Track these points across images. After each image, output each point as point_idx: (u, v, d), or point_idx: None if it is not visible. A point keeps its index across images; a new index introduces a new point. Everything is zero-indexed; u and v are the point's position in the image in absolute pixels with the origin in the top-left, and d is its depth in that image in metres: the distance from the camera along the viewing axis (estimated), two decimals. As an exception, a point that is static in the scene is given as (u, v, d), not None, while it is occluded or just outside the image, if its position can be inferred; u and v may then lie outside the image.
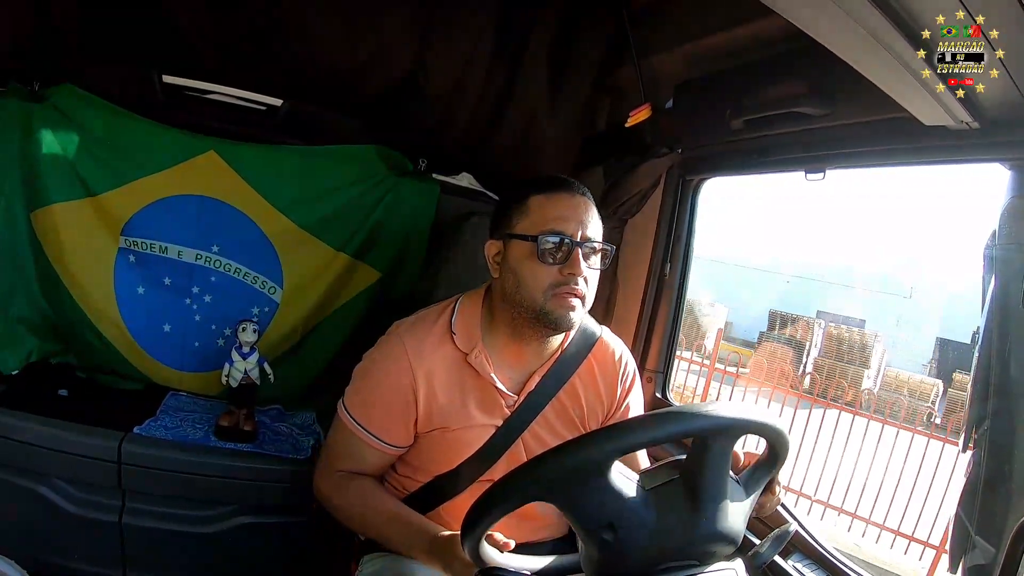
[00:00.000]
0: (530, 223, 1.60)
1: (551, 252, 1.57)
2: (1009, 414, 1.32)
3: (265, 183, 2.51)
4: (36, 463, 2.08)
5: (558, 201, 1.61)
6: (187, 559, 2.22)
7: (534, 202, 1.62)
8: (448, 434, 1.66)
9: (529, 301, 1.59)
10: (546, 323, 1.60)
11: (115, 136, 2.37)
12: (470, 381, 1.68)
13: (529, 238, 1.58)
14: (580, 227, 1.58)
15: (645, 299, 2.38)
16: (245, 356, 2.33)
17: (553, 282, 1.57)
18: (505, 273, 1.64)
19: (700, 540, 1.15)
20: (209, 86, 2.53)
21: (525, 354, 1.71)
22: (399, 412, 1.65)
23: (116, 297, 2.48)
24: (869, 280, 20.28)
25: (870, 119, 1.58)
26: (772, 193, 8.48)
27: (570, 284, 1.57)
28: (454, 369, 1.67)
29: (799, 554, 1.73)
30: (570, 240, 1.57)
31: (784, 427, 1.21)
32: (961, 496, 1.40)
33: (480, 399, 1.68)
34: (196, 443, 2.24)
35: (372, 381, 1.68)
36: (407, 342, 1.65)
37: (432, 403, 1.65)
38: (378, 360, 1.68)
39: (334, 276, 2.61)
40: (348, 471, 1.70)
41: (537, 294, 1.58)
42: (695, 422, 1.11)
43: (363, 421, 1.65)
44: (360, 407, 1.67)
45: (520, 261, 1.60)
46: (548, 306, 1.57)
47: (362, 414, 1.66)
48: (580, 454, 1.08)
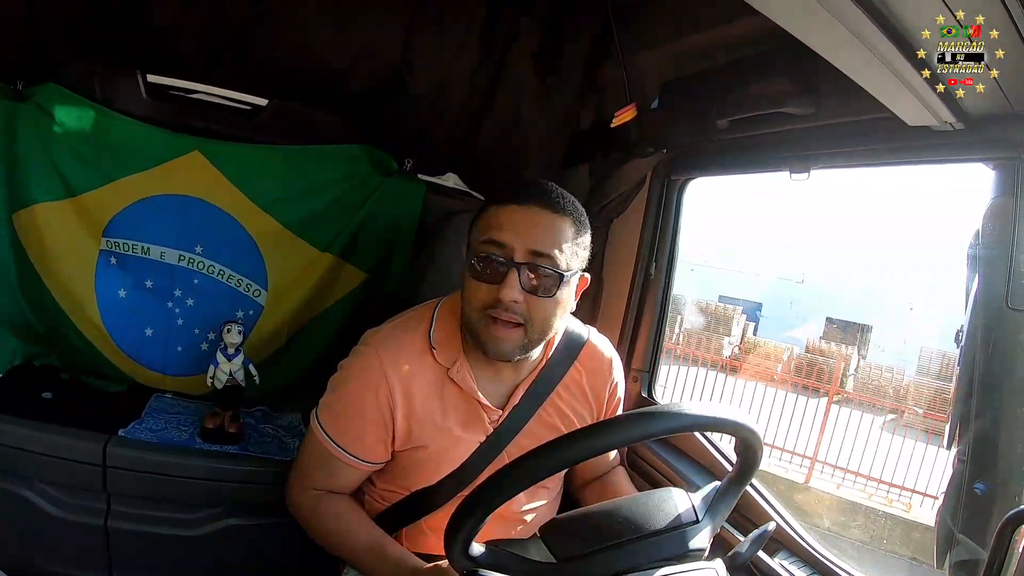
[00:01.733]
0: (475, 234, 1.51)
1: (486, 269, 1.45)
2: (993, 412, 1.34)
3: (250, 183, 2.49)
4: (20, 466, 2.06)
5: (508, 210, 1.47)
6: (173, 562, 2.21)
7: (486, 212, 1.51)
8: (429, 452, 1.60)
9: (467, 319, 1.51)
10: (481, 347, 1.51)
11: (99, 135, 2.36)
12: (451, 397, 1.60)
13: (470, 250, 1.50)
14: (524, 242, 1.44)
15: (630, 299, 2.38)
16: (230, 357, 2.32)
17: (486, 303, 1.46)
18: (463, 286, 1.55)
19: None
20: (194, 85, 2.51)
21: (500, 371, 1.63)
22: (374, 428, 1.57)
23: (97, 300, 2.46)
24: (768, 268, 22.82)
25: (855, 119, 1.59)
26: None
27: (499, 309, 1.44)
28: (434, 384, 1.59)
29: (786, 551, 1.73)
30: (503, 258, 1.44)
31: (758, 428, 1.23)
32: (945, 494, 1.41)
33: (462, 415, 1.61)
34: (181, 445, 2.24)
35: (346, 395, 1.59)
36: (383, 355, 1.56)
37: (411, 419, 1.57)
38: (353, 373, 1.59)
39: (319, 277, 2.60)
40: (323, 489, 1.64)
41: (472, 314, 1.49)
42: (674, 421, 1.12)
43: (336, 436, 1.58)
44: (333, 421, 1.59)
45: (465, 276, 1.51)
46: (479, 329, 1.48)
47: (335, 429, 1.58)
48: (560, 455, 1.10)
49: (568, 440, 1.11)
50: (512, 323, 1.45)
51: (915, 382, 14.58)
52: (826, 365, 13.40)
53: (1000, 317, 1.34)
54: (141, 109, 2.42)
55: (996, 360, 1.34)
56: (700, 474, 2.00)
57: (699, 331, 17.17)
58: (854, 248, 26.77)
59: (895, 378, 14.79)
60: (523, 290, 1.44)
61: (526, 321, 1.46)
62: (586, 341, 1.74)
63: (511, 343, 1.48)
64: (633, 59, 2.20)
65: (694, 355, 12.72)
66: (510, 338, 1.47)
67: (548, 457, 1.10)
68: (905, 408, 12.13)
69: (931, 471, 8.55)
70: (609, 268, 2.43)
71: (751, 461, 1.28)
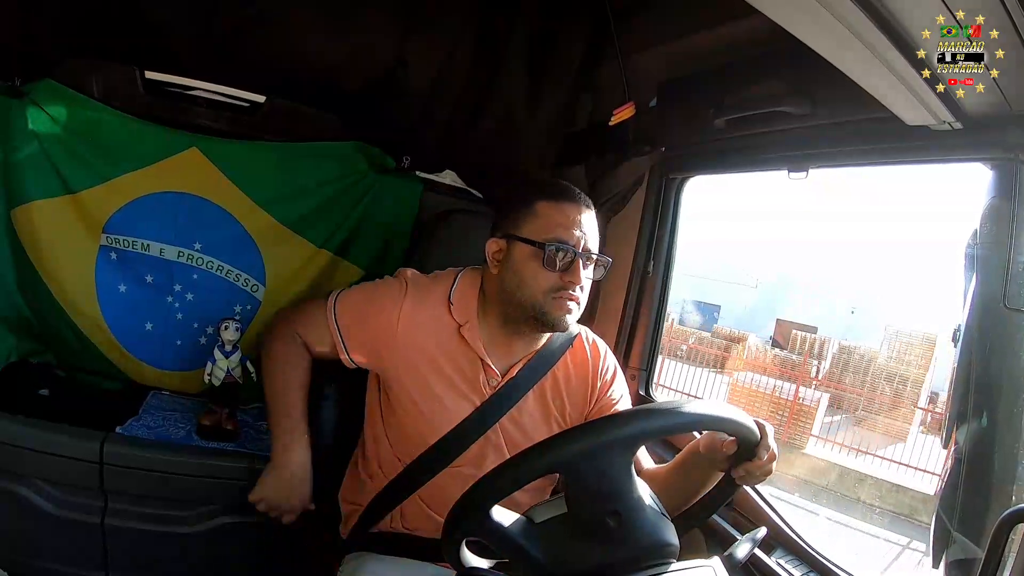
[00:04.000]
0: (537, 228, 1.66)
1: (556, 259, 1.63)
2: (990, 411, 1.34)
3: (247, 180, 2.49)
4: (16, 464, 2.06)
5: (566, 210, 1.66)
6: (170, 559, 2.21)
7: (542, 208, 1.67)
8: (426, 399, 1.73)
9: (530, 301, 1.65)
10: (543, 322, 1.67)
11: (96, 133, 2.35)
12: (457, 352, 1.74)
13: (536, 244, 1.64)
14: (583, 238, 1.65)
15: (628, 297, 2.38)
16: (227, 355, 2.31)
17: (554, 286, 1.63)
18: (506, 272, 1.69)
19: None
20: (191, 82, 2.51)
21: (512, 343, 1.76)
22: (374, 328, 1.75)
23: (97, 295, 2.45)
24: (725, 273, 25.35)
25: (852, 118, 1.59)
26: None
27: (570, 290, 1.63)
28: (444, 334, 1.75)
29: (782, 550, 1.74)
30: (574, 250, 1.63)
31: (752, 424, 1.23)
32: (942, 493, 1.42)
33: (462, 372, 1.74)
34: (178, 443, 2.23)
35: (366, 292, 1.81)
36: (410, 286, 1.76)
37: (410, 348, 1.73)
38: (380, 284, 1.82)
39: (316, 273, 2.60)
40: (301, 340, 1.83)
41: (539, 295, 1.64)
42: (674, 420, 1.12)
43: (339, 316, 1.78)
44: (345, 304, 1.79)
45: (524, 263, 1.66)
46: (547, 307, 1.64)
47: (343, 308, 1.78)
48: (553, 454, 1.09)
49: (565, 438, 1.11)
50: (575, 300, 1.65)
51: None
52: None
53: (997, 316, 1.34)
54: (139, 106, 2.41)
55: (993, 359, 1.35)
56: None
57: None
58: (808, 253, 30.59)
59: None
60: (584, 275, 1.65)
61: (581, 299, 1.67)
62: (577, 335, 1.88)
63: (573, 316, 1.67)
64: (631, 58, 2.21)
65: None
66: (572, 312, 1.66)
67: (541, 456, 1.10)
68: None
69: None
70: (607, 266, 2.44)
71: None
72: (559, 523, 1.13)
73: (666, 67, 2.14)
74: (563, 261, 1.63)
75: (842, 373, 16.81)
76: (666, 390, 14.44)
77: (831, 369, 17.25)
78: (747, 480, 1.40)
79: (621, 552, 1.14)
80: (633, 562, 1.15)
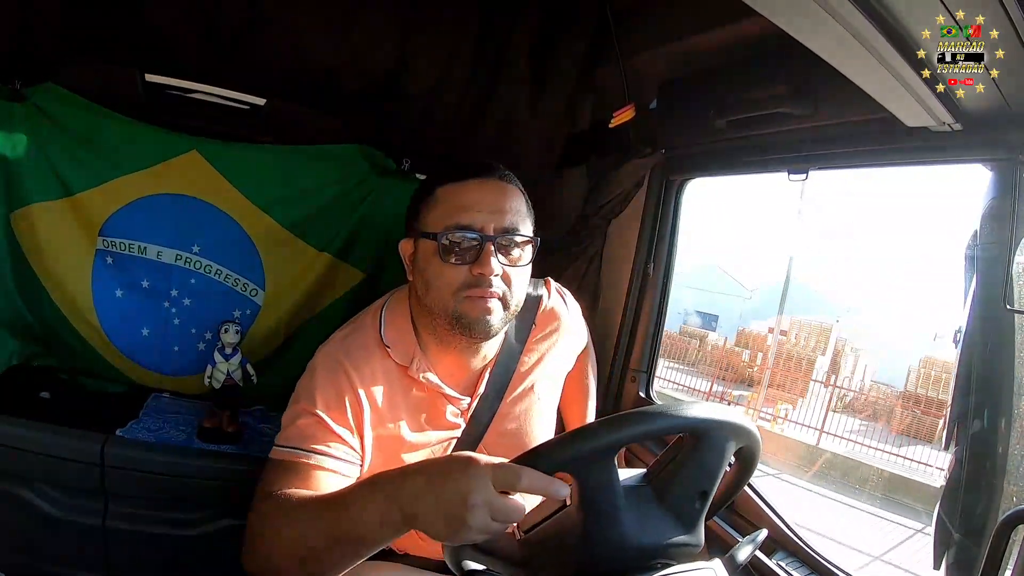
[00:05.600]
0: (436, 217, 1.46)
1: (457, 249, 1.43)
2: (991, 412, 1.34)
3: (247, 182, 2.48)
4: (18, 466, 2.06)
5: (466, 189, 1.46)
6: (171, 562, 2.21)
7: (441, 193, 1.48)
8: (405, 459, 1.52)
9: (439, 306, 1.46)
10: (460, 329, 1.46)
11: (96, 135, 2.34)
12: (416, 396, 1.56)
13: (431, 235, 1.45)
14: (493, 218, 1.44)
15: (629, 298, 2.38)
16: (228, 357, 2.31)
17: (463, 283, 1.43)
18: (417, 276, 1.52)
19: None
20: (191, 85, 2.50)
21: (463, 359, 1.60)
22: (342, 429, 1.45)
23: (94, 300, 2.44)
24: (722, 286, 27.87)
25: (853, 120, 1.59)
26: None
27: (482, 286, 1.43)
28: (396, 386, 1.54)
29: (783, 552, 1.74)
30: (478, 235, 1.42)
31: (755, 429, 1.23)
32: (943, 494, 1.42)
33: (430, 414, 1.57)
34: (179, 445, 2.23)
35: (310, 405, 1.46)
36: (345, 366, 1.49)
37: (379, 428, 1.51)
38: (317, 383, 1.48)
39: (317, 276, 2.59)
40: (287, 493, 1.34)
41: (446, 297, 1.45)
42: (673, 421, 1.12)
43: (300, 443, 1.42)
44: (296, 433, 1.44)
45: (428, 261, 1.47)
46: (460, 309, 1.44)
47: (298, 436, 1.44)
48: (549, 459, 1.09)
49: (559, 443, 1.10)
50: (492, 297, 1.44)
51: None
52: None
53: (998, 318, 1.34)
54: (139, 109, 2.41)
55: (994, 360, 1.35)
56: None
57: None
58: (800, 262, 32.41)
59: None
60: (501, 263, 1.44)
61: (504, 294, 1.46)
62: (539, 300, 1.73)
63: (495, 317, 1.46)
64: (631, 59, 2.21)
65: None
66: (493, 312, 1.45)
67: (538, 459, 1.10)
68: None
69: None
70: (608, 268, 2.44)
71: (749, 462, 1.28)
72: (647, 495, 1.16)
73: (666, 68, 2.14)
74: (467, 251, 1.43)
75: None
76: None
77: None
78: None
79: (693, 536, 1.18)
80: (695, 548, 1.19)
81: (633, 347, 2.39)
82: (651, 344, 2.38)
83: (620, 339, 2.39)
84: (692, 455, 1.14)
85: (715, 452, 1.15)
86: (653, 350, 2.38)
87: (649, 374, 2.38)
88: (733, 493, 1.35)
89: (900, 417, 16.82)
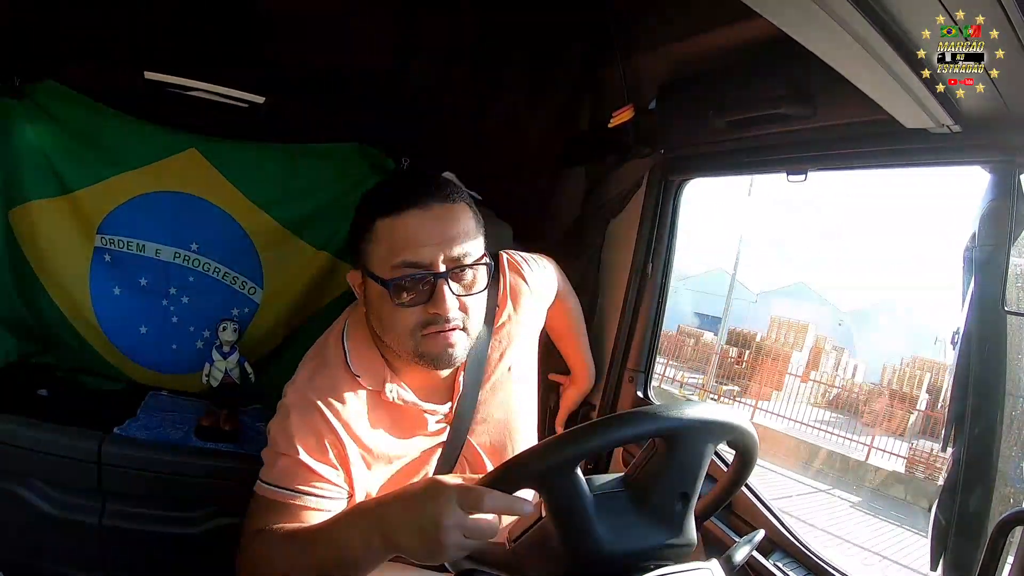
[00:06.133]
0: (380, 257, 1.40)
1: (407, 290, 1.37)
2: (988, 414, 1.34)
3: (246, 180, 2.49)
4: (14, 464, 2.06)
5: (407, 223, 1.37)
6: (168, 561, 2.20)
7: (381, 227, 1.40)
8: (395, 477, 1.52)
9: (399, 346, 1.43)
10: (426, 365, 1.43)
11: (96, 133, 2.35)
12: (395, 417, 1.52)
13: (380, 280, 1.38)
14: (441, 248, 1.37)
15: (627, 298, 2.37)
16: (226, 355, 2.31)
17: (419, 322, 1.39)
18: (371, 311, 1.47)
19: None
20: (191, 82, 2.50)
21: (435, 375, 1.55)
22: (327, 468, 1.41)
23: (92, 298, 2.45)
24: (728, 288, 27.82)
25: (852, 121, 1.59)
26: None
27: (439, 323, 1.38)
28: (374, 411, 1.50)
29: (780, 552, 1.74)
30: (429, 273, 1.36)
31: (752, 428, 1.23)
32: (940, 495, 1.41)
33: (413, 430, 1.55)
34: (177, 443, 2.23)
35: (289, 449, 1.41)
36: (319, 403, 1.44)
37: (364, 455, 1.47)
38: (293, 424, 1.43)
39: (315, 275, 2.59)
40: (277, 529, 1.37)
41: (404, 338, 1.41)
42: (673, 422, 1.12)
43: (287, 484, 1.40)
44: (280, 473, 1.41)
45: (379, 303, 1.42)
46: (421, 348, 1.41)
47: (283, 476, 1.40)
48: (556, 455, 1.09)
49: (557, 444, 1.10)
50: (455, 330, 1.41)
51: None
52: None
53: (995, 320, 1.34)
54: (138, 106, 2.41)
55: (991, 362, 1.35)
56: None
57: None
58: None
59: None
60: (456, 294, 1.39)
61: (465, 324, 1.43)
62: (499, 283, 1.69)
63: (459, 348, 1.43)
64: (631, 60, 2.20)
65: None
66: (457, 344, 1.42)
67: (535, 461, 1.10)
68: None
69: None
70: (606, 268, 2.43)
71: (747, 462, 1.28)
72: (622, 499, 1.15)
73: (666, 69, 2.14)
74: (418, 291, 1.37)
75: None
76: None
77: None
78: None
79: (680, 538, 1.17)
80: (687, 548, 1.18)
81: (631, 347, 2.38)
82: (649, 344, 2.37)
83: (618, 339, 2.38)
84: (668, 458, 1.14)
85: (691, 453, 1.14)
86: (651, 350, 2.38)
87: (647, 374, 2.38)
88: (731, 493, 1.35)
89: (869, 410, 17.98)
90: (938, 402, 16.95)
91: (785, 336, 21.94)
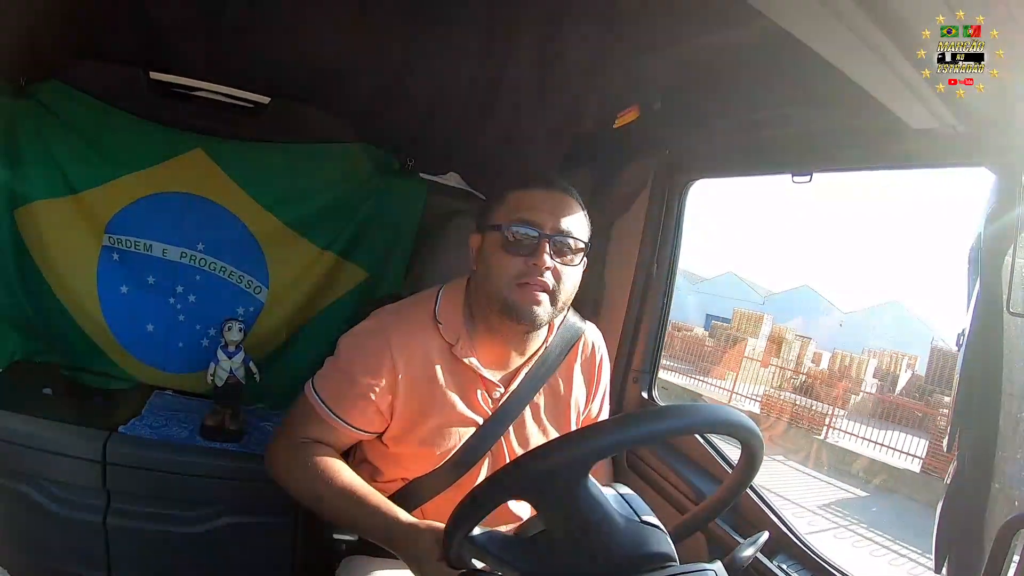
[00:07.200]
0: (503, 213, 1.59)
1: (517, 241, 1.55)
2: (993, 416, 1.33)
3: (251, 181, 2.50)
4: (20, 462, 2.07)
5: (534, 194, 1.60)
6: (172, 559, 2.21)
7: (511, 196, 1.61)
8: (429, 429, 1.63)
9: (495, 291, 1.57)
10: (510, 315, 1.56)
11: (101, 133, 2.36)
12: (455, 373, 1.64)
13: (499, 228, 1.57)
14: (552, 218, 1.56)
15: (632, 299, 2.37)
16: (231, 355, 2.32)
17: (518, 272, 1.55)
18: (480, 265, 1.63)
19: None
20: (196, 83, 2.51)
21: (506, 351, 1.69)
22: (374, 397, 1.59)
23: (99, 296, 2.46)
24: (737, 292, 30.10)
25: (857, 122, 1.58)
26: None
27: (533, 275, 1.54)
28: (439, 359, 1.63)
29: (784, 555, 1.73)
30: (537, 231, 1.55)
31: (756, 427, 1.23)
32: (944, 498, 1.41)
33: (464, 393, 1.65)
34: (181, 443, 2.24)
35: (348, 365, 1.63)
36: (389, 328, 1.62)
37: (413, 390, 1.61)
38: (359, 342, 1.65)
39: (320, 275, 2.60)
40: (311, 439, 1.62)
41: (502, 284, 1.56)
42: (676, 423, 1.12)
43: (333, 404, 1.60)
44: (332, 390, 1.62)
45: (492, 251, 1.59)
46: (512, 297, 1.55)
47: (333, 397, 1.61)
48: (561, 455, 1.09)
49: (573, 439, 1.11)
50: (543, 289, 1.55)
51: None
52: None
53: (1000, 322, 1.33)
54: (144, 107, 2.42)
55: (996, 364, 1.34)
56: (700, 476, 1.99)
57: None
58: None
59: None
60: (553, 259, 1.55)
61: (554, 288, 1.56)
62: (582, 332, 1.83)
63: (542, 308, 1.56)
64: (636, 60, 2.20)
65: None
66: (542, 303, 1.55)
67: (546, 457, 1.10)
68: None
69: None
70: (611, 269, 2.43)
71: (752, 463, 1.28)
72: (545, 539, 1.14)
73: (671, 69, 2.14)
74: (526, 243, 1.55)
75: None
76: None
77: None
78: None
79: (600, 567, 1.15)
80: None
81: (636, 348, 2.38)
82: (654, 345, 2.37)
83: (623, 340, 2.38)
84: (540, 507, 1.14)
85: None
86: (656, 351, 2.37)
87: (652, 375, 2.37)
88: (736, 493, 1.34)
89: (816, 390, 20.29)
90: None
91: (745, 327, 25.45)
